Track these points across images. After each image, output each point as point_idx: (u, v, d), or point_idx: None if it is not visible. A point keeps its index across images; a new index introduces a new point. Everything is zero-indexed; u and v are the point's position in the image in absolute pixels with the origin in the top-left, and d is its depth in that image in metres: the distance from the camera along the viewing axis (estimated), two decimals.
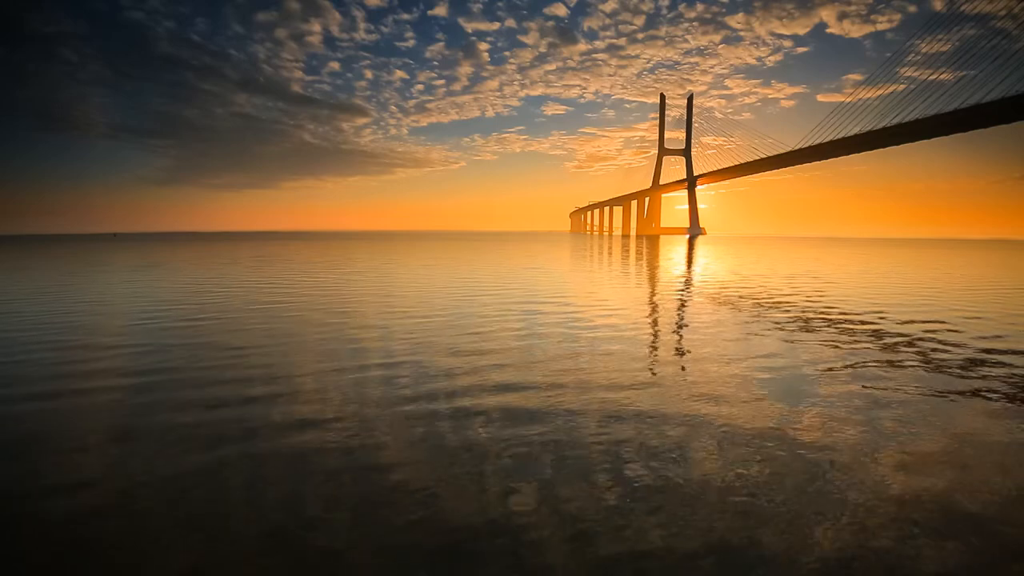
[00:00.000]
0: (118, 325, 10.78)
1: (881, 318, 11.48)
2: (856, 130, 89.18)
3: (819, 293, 16.25)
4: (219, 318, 11.43)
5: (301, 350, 8.31)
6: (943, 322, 10.90)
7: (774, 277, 22.37)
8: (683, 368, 7.18)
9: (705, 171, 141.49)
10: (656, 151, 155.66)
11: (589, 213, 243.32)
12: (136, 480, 3.98)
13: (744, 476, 4.00)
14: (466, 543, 3.18)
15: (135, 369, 7.23)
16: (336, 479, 3.98)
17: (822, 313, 12.14)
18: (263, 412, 5.44)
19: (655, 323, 10.89)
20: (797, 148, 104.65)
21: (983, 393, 6.10)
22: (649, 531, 3.30)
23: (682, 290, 17.00)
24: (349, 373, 6.89)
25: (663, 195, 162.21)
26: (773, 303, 13.87)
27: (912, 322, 10.94)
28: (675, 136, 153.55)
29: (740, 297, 15.16)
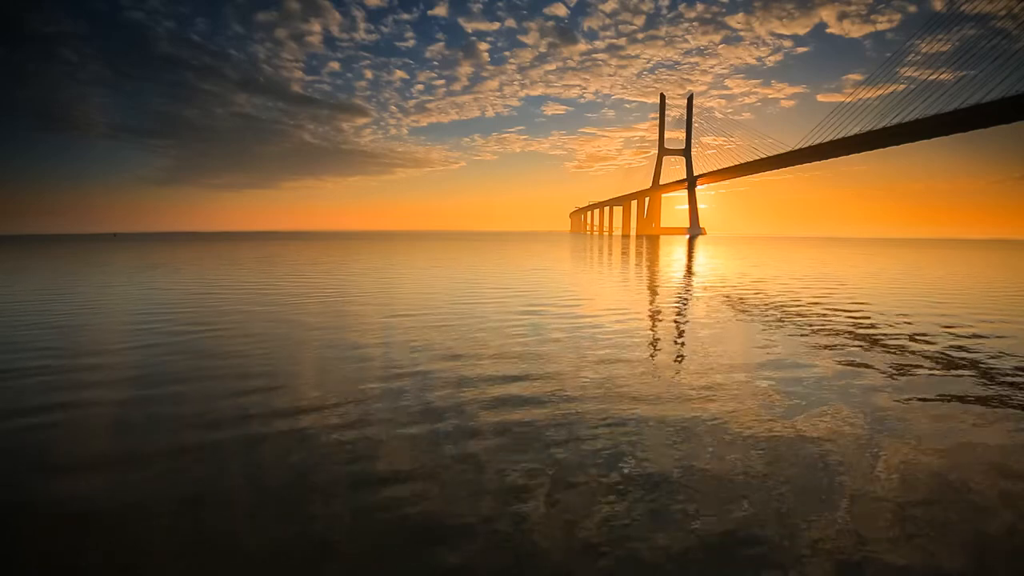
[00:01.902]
0: (116, 332, 10.75)
1: (925, 331, 10.27)
2: (856, 130, 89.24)
3: (846, 299, 15.10)
4: (219, 324, 11.41)
5: (303, 363, 8.28)
6: (987, 336, 9.75)
7: (790, 280, 21.30)
8: (728, 393, 6.23)
9: (705, 171, 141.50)
10: (656, 151, 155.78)
11: (589, 213, 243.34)
12: (135, 489, 3.97)
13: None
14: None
15: (134, 380, 7.21)
16: (340, 493, 3.96)
17: (861, 325, 10.86)
18: (265, 423, 5.42)
19: (679, 335, 9.84)
20: (797, 148, 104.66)
21: None
22: None
23: (699, 296, 15.91)
24: (351, 405, 6.86)
25: (663, 195, 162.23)
26: (805, 314, 12.36)
27: (968, 337, 9.73)
28: (675, 136, 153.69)
29: (765, 305, 13.86)
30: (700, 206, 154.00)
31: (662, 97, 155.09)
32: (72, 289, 17.51)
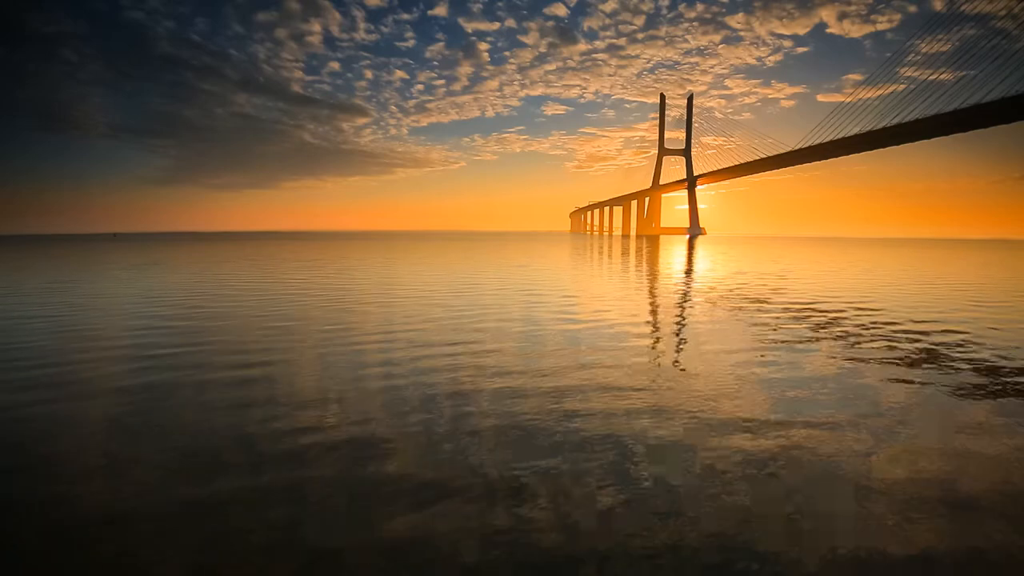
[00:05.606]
0: (116, 336, 10.72)
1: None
2: (856, 130, 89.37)
3: (894, 308, 13.38)
4: (220, 327, 11.40)
5: (304, 384, 8.24)
6: None
7: (833, 288, 18.78)
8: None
9: (705, 171, 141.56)
10: (656, 151, 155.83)
11: (589, 213, 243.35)
12: (134, 494, 3.96)
13: None
14: None
15: (136, 386, 7.20)
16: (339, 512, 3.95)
17: (927, 339, 9.26)
18: (265, 432, 5.41)
19: (711, 347, 8.52)
20: (797, 148, 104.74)
21: None
22: None
23: (729, 305, 13.90)
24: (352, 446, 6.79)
25: (663, 195, 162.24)
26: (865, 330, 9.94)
27: None
28: (675, 136, 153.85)
29: (825, 320, 11.27)
30: (700, 206, 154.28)
31: (662, 97, 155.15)
32: (74, 290, 17.47)
